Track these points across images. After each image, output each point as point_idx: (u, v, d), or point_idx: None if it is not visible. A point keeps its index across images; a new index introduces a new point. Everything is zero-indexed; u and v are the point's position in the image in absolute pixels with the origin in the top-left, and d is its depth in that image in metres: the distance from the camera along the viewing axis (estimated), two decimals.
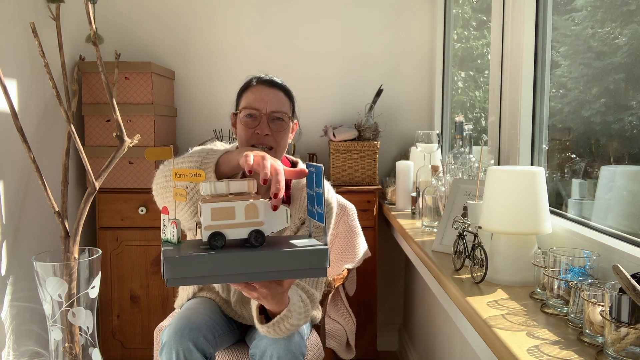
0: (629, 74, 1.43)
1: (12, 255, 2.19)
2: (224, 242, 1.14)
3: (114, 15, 2.91)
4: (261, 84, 1.61)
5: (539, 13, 1.71)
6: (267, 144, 1.56)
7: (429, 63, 3.00)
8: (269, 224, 1.17)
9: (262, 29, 2.96)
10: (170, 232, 1.19)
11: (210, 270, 1.10)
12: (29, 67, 2.31)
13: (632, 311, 0.87)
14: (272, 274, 1.14)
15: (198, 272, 1.10)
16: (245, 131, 1.56)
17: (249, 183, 1.19)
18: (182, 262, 1.08)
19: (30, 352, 2.28)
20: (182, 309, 1.68)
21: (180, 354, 1.47)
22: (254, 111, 1.56)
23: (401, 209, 2.50)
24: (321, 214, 1.16)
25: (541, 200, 1.32)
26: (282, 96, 1.61)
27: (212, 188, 1.16)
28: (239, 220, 1.15)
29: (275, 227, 1.18)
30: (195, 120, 2.99)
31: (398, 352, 3.07)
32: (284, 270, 1.14)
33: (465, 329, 1.30)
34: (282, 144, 1.59)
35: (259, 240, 1.16)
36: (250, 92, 1.60)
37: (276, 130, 1.57)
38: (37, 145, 2.30)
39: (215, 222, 1.13)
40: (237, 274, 1.12)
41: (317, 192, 1.17)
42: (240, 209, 1.15)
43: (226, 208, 1.14)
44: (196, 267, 1.09)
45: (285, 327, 1.39)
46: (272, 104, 1.57)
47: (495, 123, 1.92)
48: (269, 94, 1.58)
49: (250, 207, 1.15)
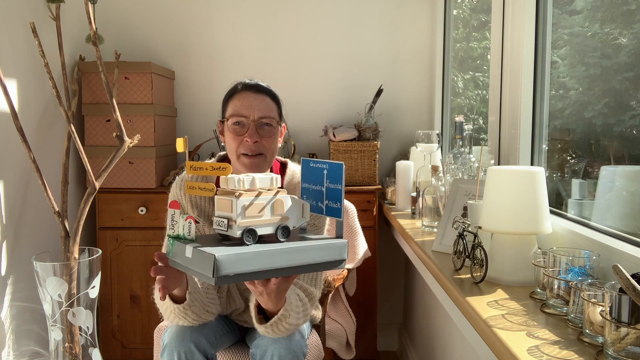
0: (630, 75, 1.43)
1: (12, 255, 2.19)
2: (257, 238, 1.14)
3: (114, 15, 2.91)
4: (246, 90, 1.58)
5: (539, 13, 1.71)
6: (256, 151, 1.54)
7: (429, 63, 3.00)
8: (293, 219, 1.19)
9: (262, 29, 2.96)
10: (186, 228, 1.16)
11: (255, 266, 1.10)
12: (29, 67, 2.31)
13: (632, 311, 0.87)
14: (302, 268, 1.16)
15: (246, 268, 1.09)
16: (234, 139, 1.55)
17: (274, 178, 1.19)
18: (233, 260, 1.07)
19: (30, 352, 2.28)
20: None
21: (182, 355, 1.47)
22: (242, 118, 1.54)
23: (401, 209, 2.50)
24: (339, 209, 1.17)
25: (541, 200, 1.32)
26: (269, 101, 1.58)
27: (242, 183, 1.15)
28: (267, 216, 1.16)
29: (297, 222, 1.20)
30: (195, 120, 2.98)
31: (398, 352, 3.07)
32: (313, 264, 1.16)
33: (465, 329, 1.30)
34: (272, 149, 1.58)
35: (285, 235, 1.17)
36: (236, 99, 1.57)
37: (265, 136, 1.55)
38: (37, 145, 2.30)
39: (247, 219, 1.13)
40: (276, 269, 1.13)
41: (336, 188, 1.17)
42: (269, 204, 1.15)
43: (257, 204, 1.14)
44: (245, 264, 1.09)
45: (284, 327, 1.39)
46: (260, 110, 1.55)
47: (495, 123, 1.92)
48: (255, 100, 1.56)
49: (278, 203, 1.16)
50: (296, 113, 2.94)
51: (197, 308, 1.46)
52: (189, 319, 1.47)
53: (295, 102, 2.94)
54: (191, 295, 1.42)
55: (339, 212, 1.17)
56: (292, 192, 1.65)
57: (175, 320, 1.48)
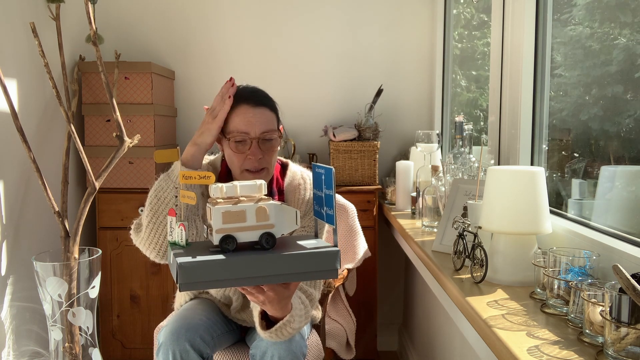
0: (627, 77, 1.43)
1: (12, 255, 2.19)
2: (235, 245, 1.13)
3: (114, 15, 2.91)
4: (245, 104, 1.53)
5: (539, 13, 1.71)
6: (259, 167, 1.53)
7: (429, 63, 3.00)
8: (279, 226, 1.17)
9: (263, 28, 2.96)
10: (179, 235, 1.18)
11: (223, 275, 1.10)
12: (29, 67, 2.31)
13: (632, 311, 0.87)
14: (284, 276, 1.14)
15: (211, 276, 1.09)
16: (237, 157, 1.53)
17: (260, 185, 1.18)
18: (196, 267, 1.08)
19: (30, 352, 2.28)
20: (179, 310, 1.68)
21: (177, 355, 1.47)
22: (243, 135, 1.51)
23: (401, 209, 2.50)
24: (331, 215, 1.16)
25: (541, 200, 1.32)
26: (269, 113, 1.55)
27: (222, 191, 1.16)
28: (250, 223, 1.14)
29: (285, 229, 1.18)
30: (195, 120, 2.98)
31: (398, 352, 3.07)
32: (296, 273, 1.14)
33: (465, 329, 1.30)
34: (273, 160, 1.59)
35: (270, 243, 1.15)
36: (235, 114, 1.53)
37: (267, 150, 1.54)
38: (37, 145, 2.30)
39: (226, 225, 1.13)
40: (249, 277, 1.12)
41: (327, 194, 1.17)
42: (251, 211, 1.14)
43: (237, 211, 1.14)
44: (209, 272, 1.09)
45: (288, 332, 1.39)
46: (261, 125, 1.52)
47: (495, 123, 1.92)
48: (255, 115, 1.52)
49: (260, 210, 1.15)
50: (296, 113, 2.94)
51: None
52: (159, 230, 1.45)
53: (295, 102, 2.94)
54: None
55: (331, 219, 1.16)
56: (292, 193, 1.64)
57: (147, 234, 1.47)
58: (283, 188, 1.65)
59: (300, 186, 1.65)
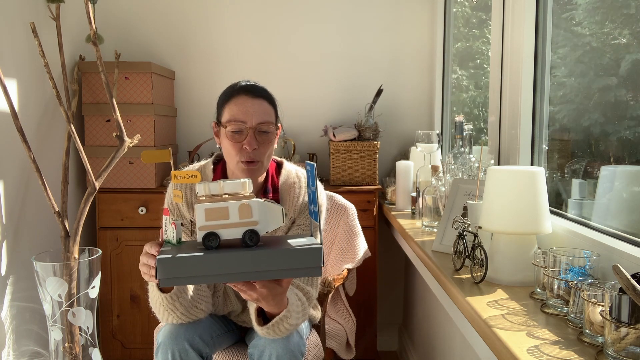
0: (629, 79, 1.43)
1: (12, 255, 2.19)
2: (218, 242, 1.14)
3: (114, 15, 2.91)
4: (243, 94, 1.54)
5: (539, 13, 1.71)
6: (254, 159, 1.53)
7: (429, 63, 3.00)
8: (263, 223, 1.18)
9: (263, 28, 2.96)
10: (171, 233, 1.20)
11: (202, 270, 1.12)
12: (29, 67, 2.31)
13: (632, 311, 0.87)
14: (265, 273, 1.15)
15: (190, 272, 1.11)
16: (232, 147, 1.53)
17: (244, 183, 1.19)
18: (174, 262, 1.10)
19: (30, 352, 2.28)
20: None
21: (176, 354, 1.47)
22: (240, 124, 1.52)
23: (401, 209, 2.50)
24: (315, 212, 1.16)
25: (541, 200, 1.32)
26: (267, 105, 1.56)
27: (207, 189, 1.17)
28: (233, 220, 1.16)
29: (270, 226, 1.19)
30: (195, 120, 2.98)
31: (398, 352, 3.07)
32: (278, 270, 1.15)
33: (465, 329, 1.30)
34: (269, 153, 1.58)
35: (254, 240, 1.16)
36: (233, 103, 1.54)
37: (263, 142, 1.54)
38: (37, 145, 2.30)
39: (209, 222, 1.14)
40: (230, 273, 1.14)
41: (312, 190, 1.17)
42: (234, 209, 1.15)
43: (220, 208, 1.15)
44: (188, 267, 1.11)
45: (285, 328, 1.39)
46: (258, 116, 1.52)
47: (495, 123, 1.92)
48: (252, 106, 1.53)
49: (244, 207, 1.16)
50: (296, 113, 2.94)
51: (185, 301, 1.46)
52: (178, 312, 1.46)
53: (295, 102, 2.94)
54: (179, 288, 1.43)
55: (315, 215, 1.17)
56: (287, 192, 1.65)
57: (165, 315, 1.49)
58: (278, 186, 1.65)
59: (295, 184, 1.65)
